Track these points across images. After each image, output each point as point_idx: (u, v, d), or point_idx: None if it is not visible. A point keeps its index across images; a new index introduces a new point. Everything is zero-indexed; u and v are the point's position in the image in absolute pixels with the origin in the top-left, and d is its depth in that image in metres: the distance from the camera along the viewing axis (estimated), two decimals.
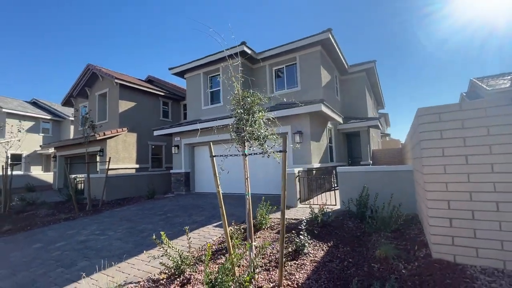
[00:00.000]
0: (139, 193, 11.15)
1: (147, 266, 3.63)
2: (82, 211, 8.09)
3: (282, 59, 11.31)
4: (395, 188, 5.06)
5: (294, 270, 3.14)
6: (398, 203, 4.44)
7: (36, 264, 4.03)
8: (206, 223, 5.73)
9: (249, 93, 3.05)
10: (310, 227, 4.68)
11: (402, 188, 5.09)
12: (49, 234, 5.81)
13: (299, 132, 8.37)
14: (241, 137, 2.96)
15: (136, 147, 14.18)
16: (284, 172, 2.82)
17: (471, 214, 2.83)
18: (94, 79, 15.20)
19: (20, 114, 20.20)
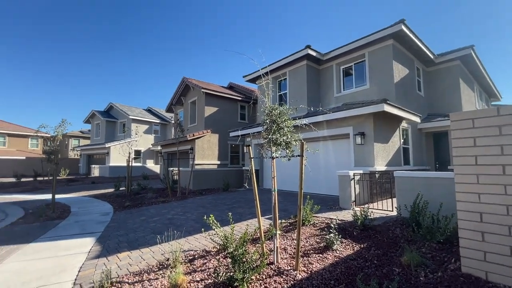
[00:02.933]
0: (217, 186, 13.05)
1: (205, 241, 4.71)
2: (174, 196, 10.32)
3: (349, 57, 10.99)
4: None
5: (315, 261, 3.55)
6: (452, 213, 4.06)
7: (140, 230, 5.76)
8: (263, 214, 6.53)
9: (275, 106, 3.61)
10: (351, 228, 4.83)
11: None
12: (151, 211, 7.87)
13: (361, 134, 8.13)
14: (268, 143, 3.57)
15: (218, 146, 16.43)
16: (300, 174, 3.28)
17: (508, 230, 2.58)
18: (187, 89, 18.40)
19: (140, 119, 26.27)
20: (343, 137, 9.14)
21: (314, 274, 3.16)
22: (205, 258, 3.92)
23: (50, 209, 8.03)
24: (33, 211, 8.27)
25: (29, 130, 32.14)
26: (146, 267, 3.67)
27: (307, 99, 11.22)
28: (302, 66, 11.68)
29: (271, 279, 3.05)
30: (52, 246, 4.81)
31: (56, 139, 9.64)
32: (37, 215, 7.55)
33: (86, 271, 3.64)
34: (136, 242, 4.88)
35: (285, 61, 11.89)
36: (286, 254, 3.86)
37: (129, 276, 3.41)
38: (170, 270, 3.42)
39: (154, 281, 3.22)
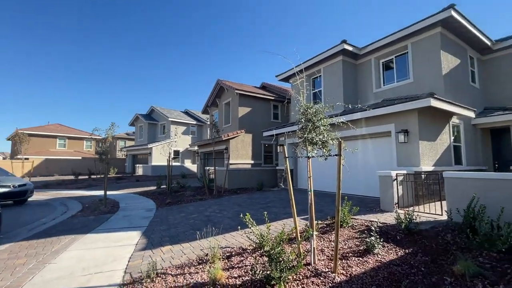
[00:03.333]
0: (251, 185, 13.21)
1: (242, 239, 4.80)
2: (210, 195, 10.70)
3: (390, 50, 10.31)
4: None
5: (354, 264, 3.40)
6: None
7: (180, 226, 6.08)
8: (298, 215, 6.46)
9: (310, 105, 3.54)
10: (393, 232, 4.54)
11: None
12: (190, 208, 8.26)
13: (404, 131, 7.57)
14: (303, 142, 3.51)
15: (251, 146, 16.63)
16: (338, 174, 3.17)
17: None
18: (221, 91, 18.94)
19: (178, 121, 27.73)
20: (383, 135, 8.61)
21: (354, 278, 3.03)
22: (242, 255, 4.00)
23: (102, 204, 8.89)
24: (88, 205, 9.23)
25: (84, 133, 35.96)
26: (187, 261, 3.86)
27: (343, 96, 10.78)
28: (337, 62, 11.26)
29: (308, 280, 3.00)
30: (105, 238, 5.32)
31: (106, 140, 10.62)
32: (92, 209, 8.42)
33: (134, 262, 3.96)
34: (177, 237, 5.16)
35: (319, 57, 11.59)
36: (323, 256, 3.76)
37: (172, 268, 3.63)
38: (209, 265, 3.56)
39: (195, 274, 3.37)
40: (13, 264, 3.97)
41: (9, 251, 4.56)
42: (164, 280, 3.25)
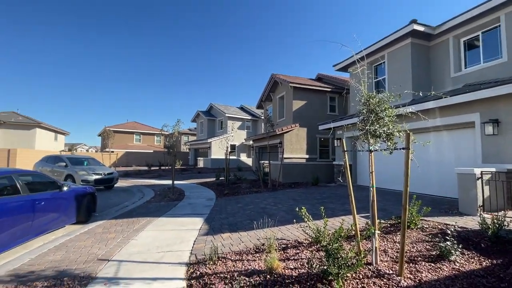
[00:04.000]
0: (306, 180, 12.98)
1: (297, 232, 4.79)
2: (265, 188, 10.93)
3: (476, 25, 8.71)
4: None
5: (424, 269, 3.05)
6: None
7: (237, 215, 6.40)
8: (356, 212, 6.11)
9: (373, 95, 3.26)
10: (476, 238, 3.91)
11: None
12: (246, 199, 8.61)
13: (493, 121, 6.36)
14: (365, 135, 3.27)
15: (306, 140, 16.30)
16: (406, 169, 2.86)
17: None
18: (275, 85, 18.98)
19: (234, 117, 28.97)
20: (463, 127, 7.40)
21: (424, 284, 2.72)
22: (297, 248, 4.00)
23: (170, 192, 9.97)
24: (159, 192, 10.47)
25: (155, 129, 40.73)
26: (245, 249, 4.06)
27: (412, 83, 9.61)
28: (405, 45, 10.06)
29: (369, 280, 2.83)
30: (173, 221, 5.97)
31: (173, 135, 11.80)
32: (162, 196, 9.53)
33: (198, 245, 4.35)
34: (235, 226, 5.46)
35: (383, 42, 10.54)
36: (386, 257, 3.48)
37: (231, 254, 3.86)
38: (266, 254, 3.67)
39: (252, 262, 3.52)
40: (106, 237, 4.80)
41: (103, 227, 5.53)
42: (224, 264, 3.49)
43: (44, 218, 4.74)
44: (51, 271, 3.40)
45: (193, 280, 3.08)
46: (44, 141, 30.04)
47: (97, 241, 4.58)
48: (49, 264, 3.63)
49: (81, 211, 5.89)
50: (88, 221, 6.04)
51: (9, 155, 21.14)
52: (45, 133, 30.66)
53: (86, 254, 3.98)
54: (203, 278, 3.12)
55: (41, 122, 29.38)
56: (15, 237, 4.10)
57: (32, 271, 3.40)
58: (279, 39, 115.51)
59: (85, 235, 4.98)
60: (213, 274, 3.21)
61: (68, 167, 12.00)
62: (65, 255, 3.94)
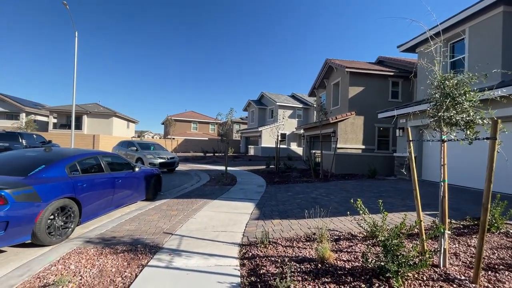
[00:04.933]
0: (361, 171, 12.21)
1: (351, 225, 4.59)
2: (316, 178, 10.68)
3: None
4: None
5: (507, 279, 2.60)
6: None
7: (288, 203, 6.43)
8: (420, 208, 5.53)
9: (449, 76, 2.81)
10: None
11: None
12: (296, 188, 8.57)
13: None
14: (437, 122, 2.88)
15: (362, 129, 15.22)
16: (490, 163, 2.43)
17: None
18: (330, 71, 18.00)
19: (285, 105, 28.69)
20: None
21: None
22: (351, 241, 3.83)
23: (224, 177, 10.54)
24: (214, 177, 11.17)
25: (209, 118, 43.21)
26: (295, 236, 4.07)
27: (502, 61, 8.01)
28: (495, 15, 8.35)
29: (435, 283, 2.55)
30: (227, 204, 6.33)
31: (226, 124, 12.31)
32: (216, 180, 10.15)
33: (250, 228, 4.54)
34: (285, 213, 5.50)
35: (464, 14, 8.94)
36: (457, 261, 3.08)
37: (281, 240, 3.93)
38: (317, 243, 3.62)
39: (303, 249, 3.52)
40: (169, 214, 5.38)
41: (167, 205, 6.20)
42: (275, 248, 3.57)
43: (121, 193, 5.54)
44: (128, 238, 3.98)
45: (245, 260, 3.24)
46: (119, 128, 34.76)
47: (163, 217, 5.16)
48: (126, 232, 4.25)
49: (149, 190, 6.69)
50: (155, 199, 6.84)
51: (94, 140, 25.19)
52: (120, 121, 35.38)
53: (154, 227, 4.54)
54: (255, 259, 3.25)
55: (117, 112, 33.95)
56: (102, 207, 4.91)
57: (114, 237, 4.03)
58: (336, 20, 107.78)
59: (153, 210, 5.67)
60: (264, 256, 3.32)
61: (138, 151, 13.70)
62: (138, 226, 4.56)
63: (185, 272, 2.93)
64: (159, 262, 3.18)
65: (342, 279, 2.66)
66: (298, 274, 2.82)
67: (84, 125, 31.29)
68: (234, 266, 3.10)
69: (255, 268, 3.02)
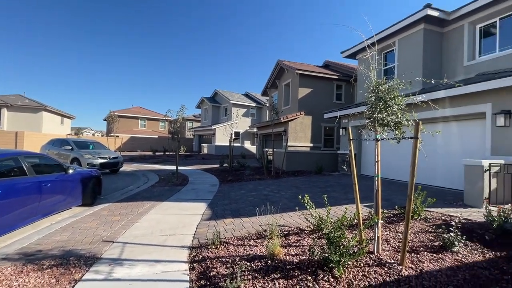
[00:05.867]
0: (309, 168, 12.96)
1: (299, 220, 4.81)
2: (268, 175, 10.96)
3: (493, 10, 8.29)
4: None
5: (426, 259, 3.04)
6: None
7: (240, 201, 6.45)
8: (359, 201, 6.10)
9: (382, 82, 3.15)
10: (481, 231, 3.87)
11: None
12: (249, 186, 8.66)
13: (506, 112, 6.17)
14: (372, 123, 3.19)
15: (311, 128, 16.14)
16: (413, 159, 2.79)
17: None
18: (281, 72, 18.62)
19: (239, 103, 28.75)
20: (473, 117, 7.21)
21: (425, 274, 2.72)
22: (299, 235, 4.02)
23: (174, 177, 10.06)
24: (164, 177, 10.58)
25: (159, 114, 40.81)
26: (247, 234, 4.10)
27: (422, 71, 9.32)
28: (418, 31, 9.67)
29: (370, 269, 2.83)
30: (177, 206, 6.05)
31: (177, 121, 11.76)
32: (166, 181, 9.63)
33: (201, 229, 4.41)
34: (237, 212, 5.50)
35: (394, 28, 10.15)
36: (388, 246, 3.48)
37: (233, 239, 3.90)
38: (267, 240, 3.69)
39: (254, 247, 3.56)
40: (111, 220, 4.89)
41: (108, 210, 5.63)
42: (226, 248, 3.53)
43: (50, 199, 4.82)
44: (57, 250, 3.48)
45: (195, 263, 3.13)
46: (51, 124, 30.33)
47: (102, 223, 4.66)
48: (56, 244, 3.72)
49: (87, 194, 5.99)
50: (94, 204, 6.15)
51: (17, 138, 21.46)
52: (52, 116, 30.90)
53: (91, 235, 4.07)
54: (205, 261, 3.16)
55: (47, 105, 29.54)
56: (22, 218, 4.19)
57: (40, 250, 3.49)
58: (286, 26, 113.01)
59: (90, 217, 5.08)
60: (215, 258, 3.25)
61: (74, 151, 12.14)
62: (71, 236, 4.03)
63: (128, 283, 2.69)
64: (97, 274, 2.86)
65: (291, 274, 2.77)
66: (249, 272, 2.83)
67: (3, 120, 26.45)
68: (183, 271, 2.96)
69: (205, 270, 2.94)
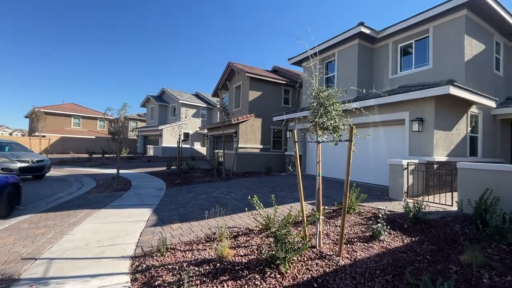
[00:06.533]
0: (259, 169, 13.30)
1: (248, 220, 4.91)
2: (219, 177, 10.88)
3: (410, 34, 9.80)
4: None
5: (359, 249, 3.43)
6: None
7: (189, 205, 6.25)
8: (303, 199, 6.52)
9: (323, 89, 3.45)
10: (401, 220, 4.53)
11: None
12: (198, 189, 8.45)
13: (419, 120, 7.35)
14: (314, 127, 3.46)
15: (260, 131, 16.59)
16: (348, 159, 3.13)
17: None
18: (232, 74, 18.71)
19: (188, 104, 27.82)
20: (396, 123, 8.39)
21: (358, 262, 3.07)
22: (248, 235, 4.10)
23: (115, 182, 9.20)
24: (102, 182, 9.58)
25: (98, 113, 36.71)
26: (195, 239, 4.00)
27: (357, 81, 10.46)
28: (353, 45, 10.83)
29: (312, 262, 3.06)
30: (118, 213, 5.55)
31: (119, 121, 10.80)
32: (105, 186, 8.74)
33: (145, 236, 4.13)
34: (186, 216, 5.32)
35: (334, 40, 11.17)
36: (328, 240, 3.81)
37: (181, 244, 3.77)
38: (217, 243, 3.67)
39: (203, 251, 3.50)
40: (33, 233, 4.22)
41: (30, 222, 4.84)
42: (173, 255, 3.39)
43: None
44: None
45: (138, 274, 2.92)
46: None
47: (22, 238, 3.99)
48: None
49: (0, 204, 5.04)
50: (11, 216, 5.21)
51: None
52: None
53: (6, 253, 3.45)
54: (150, 270, 2.98)
55: None
56: None
57: None
58: (235, 31, 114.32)
59: (5, 232, 4.30)
60: (160, 266, 3.09)
61: None
62: None
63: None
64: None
65: (239, 274, 2.81)
66: (197, 277, 2.78)
67: None
68: (123, 284, 2.74)
69: (150, 280, 2.77)
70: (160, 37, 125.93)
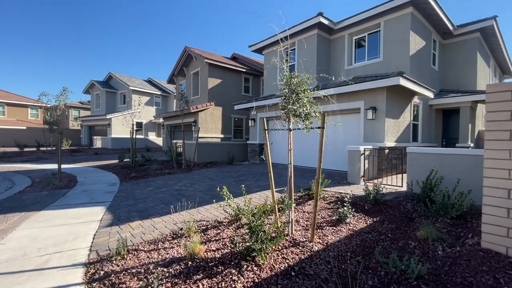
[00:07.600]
0: (221, 159, 13.04)
1: (216, 212, 4.72)
2: (179, 168, 10.34)
3: (363, 27, 10.35)
4: (474, 174, 4.45)
5: (329, 233, 3.54)
6: (468, 189, 4.00)
7: (148, 200, 5.77)
8: (269, 187, 6.52)
9: (294, 75, 3.37)
10: (362, 202, 4.82)
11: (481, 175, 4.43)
12: (157, 182, 7.89)
13: (373, 108, 7.89)
14: (286, 114, 3.39)
15: (221, 120, 16.17)
16: (320, 147, 3.13)
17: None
18: (189, 59, 17.69)
19: (140, 90, 25.71)
20: (353, 112, 8.90)
21: (330, 246, 3.15)
22: (218, 228, 3.92)
23: (56, 178, 8.05)
24: (40, 180, 8.30)
25: (28, 99, 31.65)
26: (160, 236, 3.68)
27: (316, 71, 10.75)
28: (312, 35, 11.05)
29: (287, 250, 3.05)
30: (63, 214, 4.83)
31: (58, 108, 9.37)
32: (44, 184, 7.59)
33: (100, 239, 3.66)
34: (146, 212, 4.89)
35: (294, 29, 11.22)
36: (299, 226, 3.86)
37: (144, 244, 3.42)
38: (185, 239, 3.42)
39: (170, 249, 3.22)
40: None
41: None
42: (136, 257, 3.05)
43: None
44: None
45: (96, 283, 2.55)
46: None
47: None
48: None
49: None
50: None
51: None
52: None
53: None
54: (109, 277, 2.62)
55: None
56: None
57: None
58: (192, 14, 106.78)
59: None
60: (122, 271, 2.75)
61: None
62: None
63: None
64: None
65: (214, 271, 2.64)
66: (167, 279, 2.53)
67: None
68: None
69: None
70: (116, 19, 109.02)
